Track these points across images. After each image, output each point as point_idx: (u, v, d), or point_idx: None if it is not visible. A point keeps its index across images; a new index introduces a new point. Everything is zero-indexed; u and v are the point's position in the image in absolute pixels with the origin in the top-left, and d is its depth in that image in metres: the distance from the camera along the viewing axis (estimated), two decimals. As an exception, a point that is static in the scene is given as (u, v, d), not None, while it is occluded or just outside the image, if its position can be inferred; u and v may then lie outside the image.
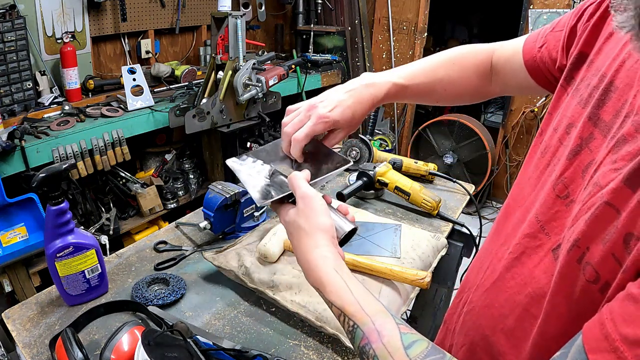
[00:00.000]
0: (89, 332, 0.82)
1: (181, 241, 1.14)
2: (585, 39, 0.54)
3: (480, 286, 0.61)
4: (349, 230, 0.59)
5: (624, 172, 0.40)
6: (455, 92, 0.78)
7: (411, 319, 1.52)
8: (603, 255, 0.40)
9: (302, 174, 0.60)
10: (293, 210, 0.59)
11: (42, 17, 2.00)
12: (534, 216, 0.53)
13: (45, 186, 0.79)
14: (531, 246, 0.53)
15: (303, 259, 0.56)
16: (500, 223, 0.64)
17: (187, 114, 2.03)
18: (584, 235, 0.42)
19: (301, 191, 0.58)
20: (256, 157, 0.72)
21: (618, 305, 0.36)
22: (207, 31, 2.83)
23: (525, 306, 0.51)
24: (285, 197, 0.62)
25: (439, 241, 1.09)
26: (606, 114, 0.47)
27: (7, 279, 1.76)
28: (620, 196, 0.40)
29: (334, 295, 0.51)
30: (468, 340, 0.62)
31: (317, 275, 0.53)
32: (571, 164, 0.50)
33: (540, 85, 0.67)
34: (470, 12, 4.91)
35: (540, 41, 0.65)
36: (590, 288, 0.41)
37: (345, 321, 0.50)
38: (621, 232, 0.39)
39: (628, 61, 0.47)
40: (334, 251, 0.55)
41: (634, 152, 0.41)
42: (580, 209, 0.45)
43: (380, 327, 0.47)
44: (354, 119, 0.68)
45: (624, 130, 0.43)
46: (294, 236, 0.58)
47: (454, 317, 0.68)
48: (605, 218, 0.41)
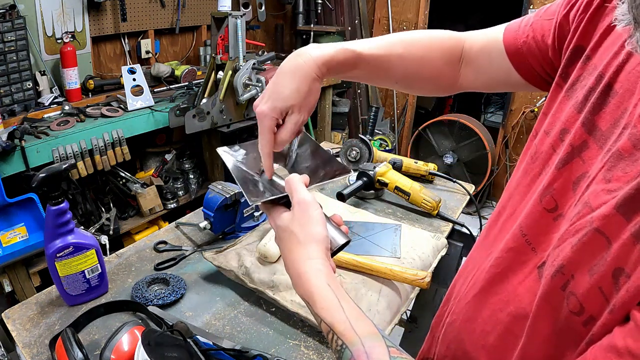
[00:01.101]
0: (89, 332, 0.82)
1: (181, 241, 1.14)
2: (582, 32, 0.50)
3: (463, 298, 0.59)
4: (342, 243, 0.56)
5: (617, 197, 0.37)
6: (416, 73, 0.69)
7: (411, 319, 1.52)
8: (589, 288, 0.38)
9: (301, 177, 0.57)
10: (287, 215, 0.55)
11: (42, 17, 1.99)
12: (518, 228, 0.50)
13: (45, 186, 0.79)
14: (516, 262, 0.50)
15: (293, 269, 0.53)
16: (489, 230, 0.61)
17: (187, 114, 2.03)
18: (570, 262, 0.40)
19: (299, 196, 0.55)
20: (249, 150, 0.68)
21: (602, 356, 0.35)
22: (207, 31, 2.83)
23: (508, 325, 0.49)
24: (278, 199, 0.59)
25: (439, 241, 1.09)
26: (603, 122, 0.44)
27: (7, 279, 1.76)
28: (611, 224, 0.37)
29: (325, 312, 0.49)
30: (450, 354, 0.60)
31: (307, 288, 0.51)
32: (560, 174, 0.47)
33: (525, 79, 0.61)
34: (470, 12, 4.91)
35: (525, 30, 0.59)
36: (574, 319, 0.40)
37: (333, 339, 0.48)
38: (611, 266, 0.36)
39: (629, 63, 0.43)
40: (327, 265, 0.52)
41: (632, 175, 0.37)
42: (567, 230, 0.42)
43: (370, 349, 0.45)
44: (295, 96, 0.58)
45: (620, 143, 0.40)
46: (285, 243, 0.55)
47: (438, 327, 0.66)
48: (593, 246, 0.38)
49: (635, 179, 0.37)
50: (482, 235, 0.64)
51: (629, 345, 0.33)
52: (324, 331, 0.50)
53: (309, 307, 0.51)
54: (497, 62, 0.63)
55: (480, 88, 0.71)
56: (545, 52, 0.57)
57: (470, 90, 0.73)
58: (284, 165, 0.67)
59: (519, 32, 0.60)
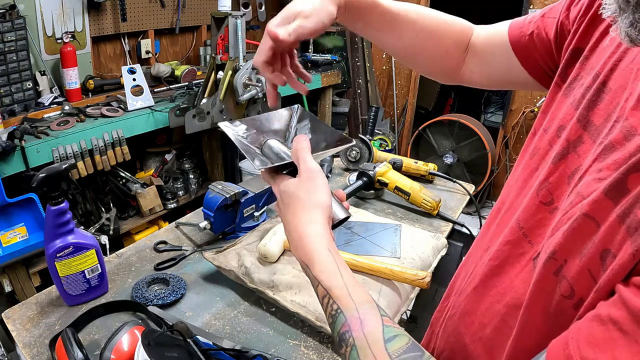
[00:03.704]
0: (89, 332, 0.82)
1: (181, 241, 1.14)
2: (581, 34, 0.51)
3: (462, 291, 0.60)
4: (343, 217, 0.56)
5: (606, 183, 0.38)
6: (423, 46, 0.71)
7: (411, 319, 1.52)
8: (579, 271, 0.39)
9: (307, 146, 0.57)
10: (294, 181, 0.56)
11: (42, 17, 2.00)
12: (515, 222, 0.51)
13: (45, 186, 0.79)
14: (513, 254, 0.51)
15: (295, 231, 0.53)
16: (488, 226, 0.62)
17: (187, 114, 2.03)
18: (562, 248, 0.41)
19: (306, 165, 0.55)
20: (249, 125, 0.69)
21: (585, 326, 0.35)
22: (207, 31, 2.84)
23: (503, 316, 0.50)
24: (281, 167, 0.59)
25: (439, 241, 1.09)
26: (597, 117, 0.45)
27: (7, 279, 1.76)
28: (600, 208, 0.38)
29: (324, 275, 0.49)
30: (448, 347, 0.60)
31: (308, 250, 0.51)
32: (556, 168, 0.48)
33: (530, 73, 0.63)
34: (470, 12, 4.91)
35: (530, 26, 0.61)
36: (565, 303, 0.40)
37: (329, 303, 0.48)
38: (598, 248, 0.37)
39: (623, 61, 0.44)
40: (329, 231, 0.53)
41: (620, 161, 0.39)
42: (560, 219, 0.43)
43: (364, 316, 0.46)
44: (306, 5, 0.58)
45: (612, 136, 0.41)
46: (289, 207, 0.55)
47: (438, 321, 0.66)
48: (583, 231, 0.39)
49: (622, 165, 0.38)
50: (482, 231, 0.65)
51: (612, 314, 0.33)
52: (319, 295, 0.50)
53: (307, 271, 0.52)
54: (499, 56, 0.65)
55: (480, 82, 0.73)
56: (549, 48, 0.58)
57: (471, 84, 0.74)
58: (284, 140, 0.68)
59: (524, 28, 0.62)
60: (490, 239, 0.58)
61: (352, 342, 0.45)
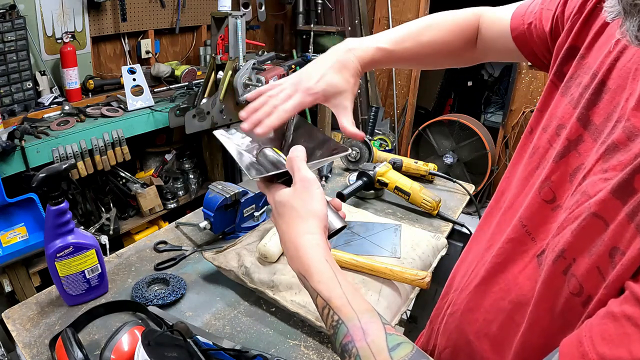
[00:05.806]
0: (89, 332, 0.82)
1: (181, 241, 1.14)
2: (576, 32, 0.52)
3: (464, 289, 0.60)
4: (339, 226, 0.56)
5: (613, 183, 0.39)
6: (440, 56, 0.76)
7: (411, 319, 1.52)
8: (588, 268, 0.39)
9: (302, 155, 0.57)
10: (288, 191, 0.55)
11: (42, 17, 1.99)
12: (518, 220, 0.52)
13: (45, 186, 0.79)
14: (517, 252, 0.51)
15: (291, 243, 0.53)
16: (485, 224, 0.62)
17: (187, 114, 2.03)
18: (570, 246, 0.41)
19: (301, 174, 0.54)
20: (244, 133, 0.69)
21: (597, 323, 0.35)
22: (207, 31, 2.83)
23: (509, 313, 0.50)
24: (276, 176, 0.59)
25: (439, 241, 1.09)
26: (597, 117, 0.46)
27: (7, 279, 1.76)
28: (608, 208, 0.39)
29: (322, 285, 0.49)
30: (451, 344, 0.60)
31: (305, 261, 0.50)
32: (558, 167, 0.48)
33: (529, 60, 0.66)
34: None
35: (530, 17, 0.62)
36: (574, 301, 0.41)
37: (329, 314, 0.48)
38: (607, 246, 0.38)
39: (621, 60, 0.45)
40: (325, 241, 0.53)
41: (625, 162, 0.39)
42: (566, 218, 0.44)
43: (366, 325, 0.45)
44: (345, 84, 0.65)
45: (615, 136, 0.42)
46: (284, 217, 0.54)
47: (438, 319, 0.66)
48: (592, 230, 0.40)
49: (628, 166, 0.38)
50: (478, 229, 0.65)
51: (625, 310, 0.34)
52: (318, 306, 0.50)
53: (304, 282, 0.51)
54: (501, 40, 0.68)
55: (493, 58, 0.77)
56: (545, 40, 0.59)
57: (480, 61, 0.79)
58: (280, 148, 0.68)
59: (524, 17, 0.63)
60: (491, 237, 0.58)
61: (356, 352, 0.44)
